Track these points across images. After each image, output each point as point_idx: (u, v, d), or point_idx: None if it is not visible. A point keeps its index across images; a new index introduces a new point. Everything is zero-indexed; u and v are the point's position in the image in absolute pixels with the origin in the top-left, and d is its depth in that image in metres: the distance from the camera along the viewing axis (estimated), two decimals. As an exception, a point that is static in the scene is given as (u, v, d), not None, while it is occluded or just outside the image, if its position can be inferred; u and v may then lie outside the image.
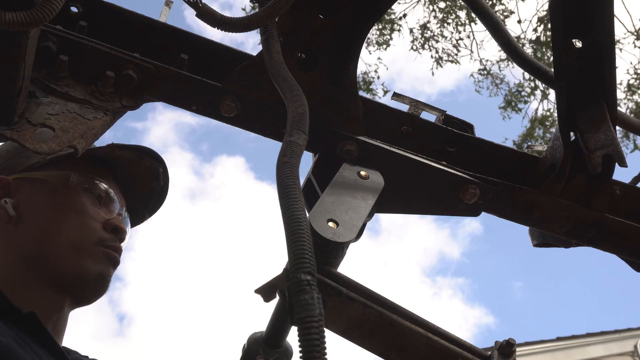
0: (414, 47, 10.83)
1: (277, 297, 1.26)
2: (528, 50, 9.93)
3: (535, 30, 9.92)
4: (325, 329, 0.75)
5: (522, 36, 9.99)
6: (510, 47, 1.76)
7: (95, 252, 1.53)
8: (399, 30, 10.78)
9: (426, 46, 10.78)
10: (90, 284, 1.54)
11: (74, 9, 1.55)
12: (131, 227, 1.79)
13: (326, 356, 0.72)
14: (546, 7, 9.58)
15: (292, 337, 1.60)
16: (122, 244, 1.66)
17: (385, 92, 10.75)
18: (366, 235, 1.47)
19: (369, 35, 10.64)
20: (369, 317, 1.24)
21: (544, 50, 9.90)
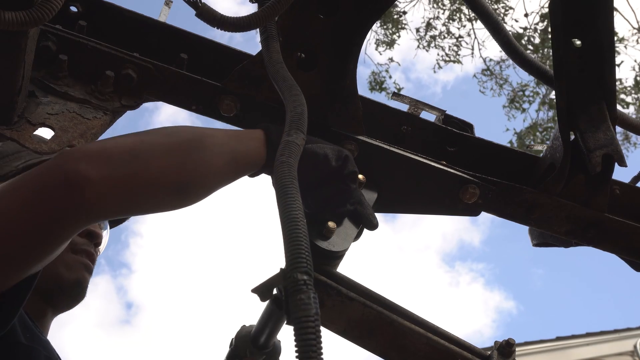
0: (421, 46, 10.81)
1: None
2: (536, 41, 9.90)
3: (543, 20, 9.87)
4: (323, 328, 0.75)
5: (528, 27, 9.94)
6: (510, 47, 1.76)
7: (68, 259, 1.54)
8: (403, 28, 10.76)
9: (432, 45, 10.76)
10: (67, 291, 1.55)
11: (73, 9, 1.55)
12: (112, 227, 1.78)
13: (322, 356, 0.72)
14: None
15: (282, 336, 1.59)
16: (98, 248, 1.66)
17: (400, 90, 10.71)
18: (382, 220, 1.48)
19: (378, 36, 10.66)
20: (369, 317, 1.24)
21: (545, 50, 9.89)
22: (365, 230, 1.34)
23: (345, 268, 1.31)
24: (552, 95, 10.24)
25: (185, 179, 1.10)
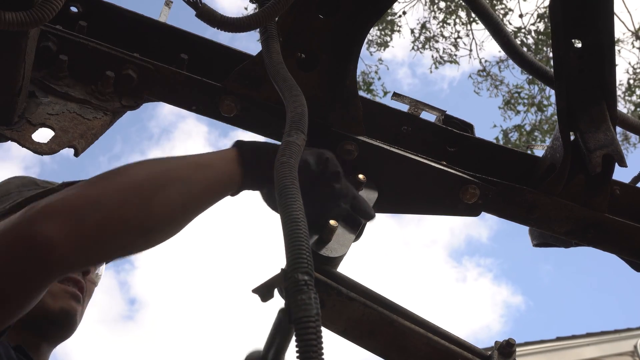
0: (415, 47, 10.85)
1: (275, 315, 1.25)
2: (530, 42, 9.93)
3: (540, 20, 9.90)
4: (323, 328, 0.76)
5: (522, 30, 9.95)
6: (510, 47, 1.76)
7: (53, 289, 1.51)
8: (399, 31, 10.80)
9: (427, 46, 10.80)
10: (55, 320, 1.53)
11: (73, 9, 1.55)
12: None
13: (323, 356, 0.72)
14: (546, 3, 9.62)
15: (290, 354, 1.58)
16: (89, 277, 1.63)
17: (385, 93, 10.76)
18: (388, 215, 1.49)
19: (370, 36, 10.66)
20: (369, 317, 1.24)
21: (542, 48, 9.90)
22: (371, 225, 1.34)
23: (349, 264, 1.31)
24: (539, 97, 10.28)
25: (150, 221, 1.08)
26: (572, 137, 1.56)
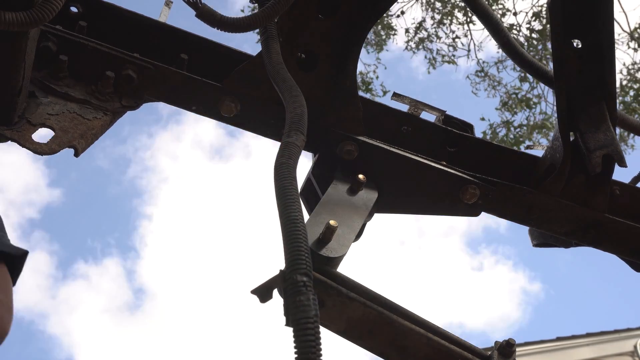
0: (409, 47, 10.85)
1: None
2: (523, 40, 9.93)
3: (529, 24, 9.91)
4: (321, 329, 0.76)
5: (515, 27, 9.95)
6: (509, 47, 1.76)
7: None
8: (394, 33, 10.80)
9: (421, 47, 10.79)
10: None
11: (73, 9, 1.55)
12: None
13: (321, 357, 0.72)
14: (542, 2, 9.63)
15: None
16: None
17: (385, 93, 10.76)
18: None
19: (368, 37, 10.63)
20: (369, 317, 1.24)
21: (537, 45, 9.90)
22: (384, 219, 1.35)
23: (364, 258, 1.32)
24: (529, 93, 10.27)
25: None
26: (572, 137, 1.56)
